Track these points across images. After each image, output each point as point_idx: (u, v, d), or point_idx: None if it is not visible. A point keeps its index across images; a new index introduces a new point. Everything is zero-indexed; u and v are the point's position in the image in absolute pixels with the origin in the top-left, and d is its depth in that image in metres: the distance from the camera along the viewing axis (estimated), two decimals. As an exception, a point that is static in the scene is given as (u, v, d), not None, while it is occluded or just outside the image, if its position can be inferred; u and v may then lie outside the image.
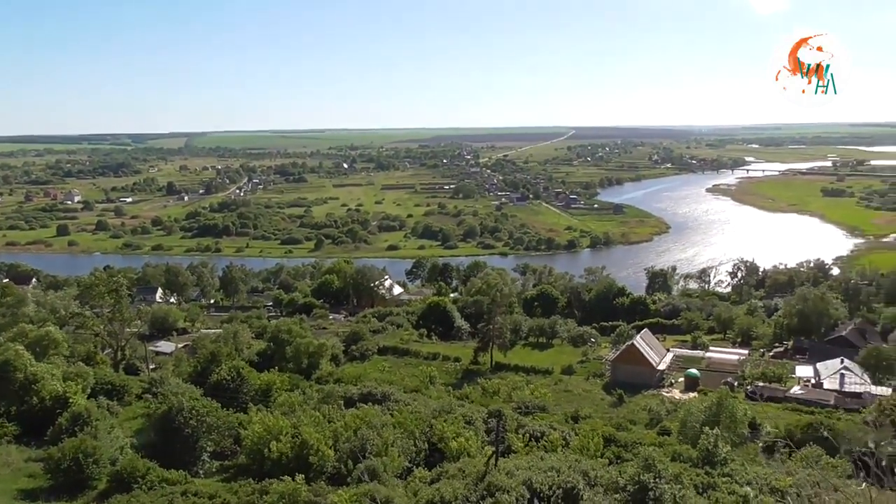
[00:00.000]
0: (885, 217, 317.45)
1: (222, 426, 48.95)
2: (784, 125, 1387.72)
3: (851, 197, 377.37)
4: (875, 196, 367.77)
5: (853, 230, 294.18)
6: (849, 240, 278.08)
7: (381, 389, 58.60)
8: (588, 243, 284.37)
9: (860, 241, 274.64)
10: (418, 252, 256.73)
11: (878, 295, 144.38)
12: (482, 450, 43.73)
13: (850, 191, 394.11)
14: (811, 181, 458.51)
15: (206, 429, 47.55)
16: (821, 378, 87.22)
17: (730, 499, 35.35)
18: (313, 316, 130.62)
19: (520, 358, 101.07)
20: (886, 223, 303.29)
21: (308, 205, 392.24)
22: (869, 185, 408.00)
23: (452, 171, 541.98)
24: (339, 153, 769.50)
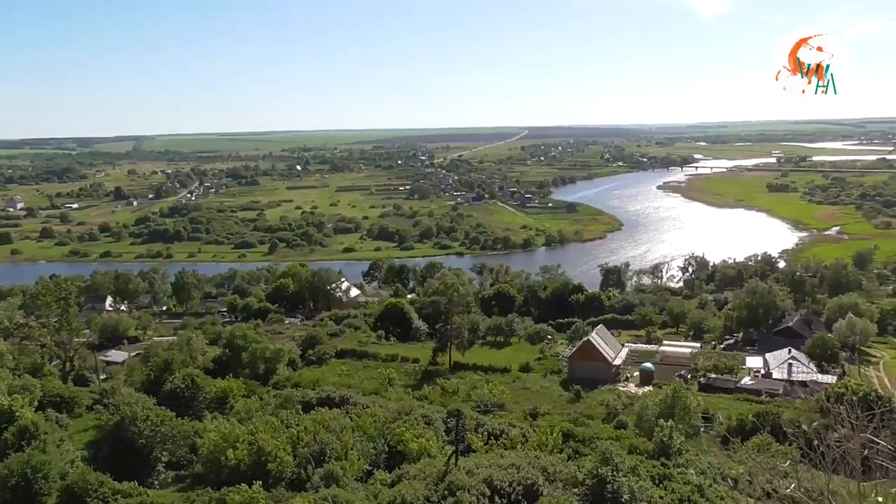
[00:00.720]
0: (827, 211, 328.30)
1: (177, 435, 48.00)
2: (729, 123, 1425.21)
3: (795, 192, 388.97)
4: (817, 191, 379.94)
5: (797, 224, 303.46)
6: (793, 234, 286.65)
7: (340, 393, 58.26)
8: (543, 242, 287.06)
9: (804, 234, 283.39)
10: (375, 254, 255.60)
11: (821, 286, 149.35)
12: (442, 450, 43.78)
13: (794, 186, 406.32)
14: (757, 177, 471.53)
15: (161, 439, 46.58)
16: (770, 368, 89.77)
17: (685, 488, 36.09)
18: (269, 321, 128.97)
19: (478, 357, 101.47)
20: (828, 217, 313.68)
21: (261, 208, 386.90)
22: (811, 181, 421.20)
23: (407, 172, 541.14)
24: (292, 155, 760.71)
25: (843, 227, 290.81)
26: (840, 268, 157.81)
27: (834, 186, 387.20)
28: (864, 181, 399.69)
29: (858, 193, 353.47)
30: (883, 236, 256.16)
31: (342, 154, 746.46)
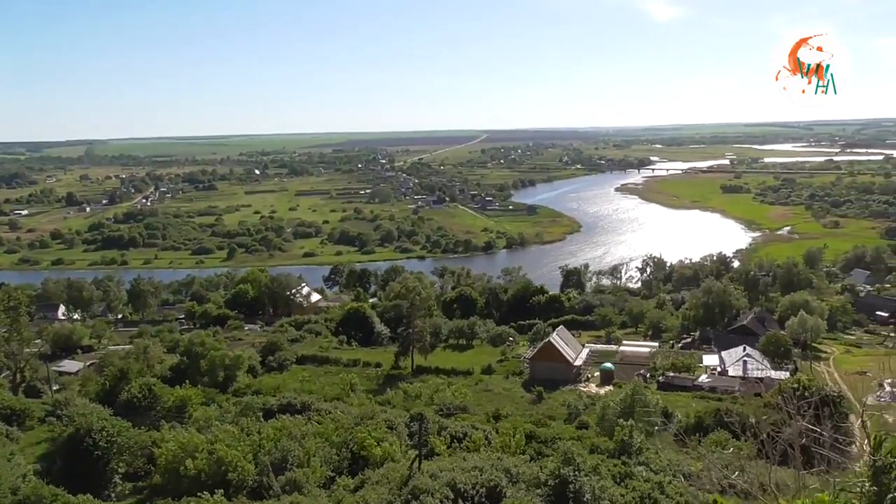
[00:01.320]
0: (779, 211, 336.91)
1: (134, 446, 47.03)
2: (684, 125, 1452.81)
3: (748, 193, 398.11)
4: (769, 192, 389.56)
5: (750, 224, 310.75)
6: (747, 234, 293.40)
7: (301, 399, 57.78)
8: (504, 244, 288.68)
9: (757, 234, 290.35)
10: (335, 258, 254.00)
11: (774, 284, 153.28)
12: (405, 454, 43.73)
13: (747, 187, 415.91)
14: (711, 178, 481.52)
15: (117, 450, 45.57)
16: (726, 366, 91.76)
17: (646, 486, 36.66)
18: (228, 327, 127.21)
19: (440, 360, 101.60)
20: (780, 217, 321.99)
21: (219, 213, 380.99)
22: (763, 182, 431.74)
23: (368, 176, 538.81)
24: (250, 159, 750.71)
25: (794, 226, 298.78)
26: (791, 267, 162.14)
27: (784, 187, 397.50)
28: (812, 182, 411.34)
29: (808, 194, 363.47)
30: (831, 235, 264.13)
31: (301, 158, 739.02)
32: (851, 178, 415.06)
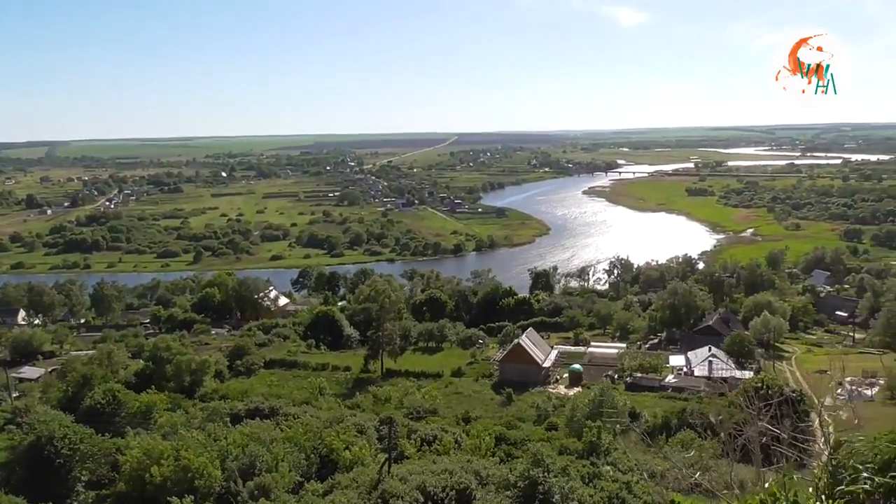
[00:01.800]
0: (742, 214, 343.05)
1: (98, 453, 46.16)
2: (650, 129, 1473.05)
3: (712, 196, 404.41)
4: (733, 195, 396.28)
5: (715, 227, 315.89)
6: (712, 236, 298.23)
7: (269, 404, 57.24)
8: (474, 247, 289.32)
9: (721, 236, 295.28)
10: (304, 261, 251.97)
11: (738, 286, 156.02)
12: (375, 458, 43.61)
13: (711, 190, 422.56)
14: (677, 181, 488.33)
15: (80, 457, 44.68)
16: (692, 366, 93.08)
17: (614, 486, 37.08)
18: (194, 331, 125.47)
19: (410, 363, 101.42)
20: (743, 219, 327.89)
21: (185, 216, 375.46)
22: (727, 185, 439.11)
23: (336, 179, 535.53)
24: (216, 161, 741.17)
25: (757, 228, 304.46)
26: (755, 268, 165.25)
27: (748, 190, 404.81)
28: (774, 185, 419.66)
29: (770, 197, 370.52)
30: (793, 237, 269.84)
31: (269, 160, 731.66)
32: (811, 181, 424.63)
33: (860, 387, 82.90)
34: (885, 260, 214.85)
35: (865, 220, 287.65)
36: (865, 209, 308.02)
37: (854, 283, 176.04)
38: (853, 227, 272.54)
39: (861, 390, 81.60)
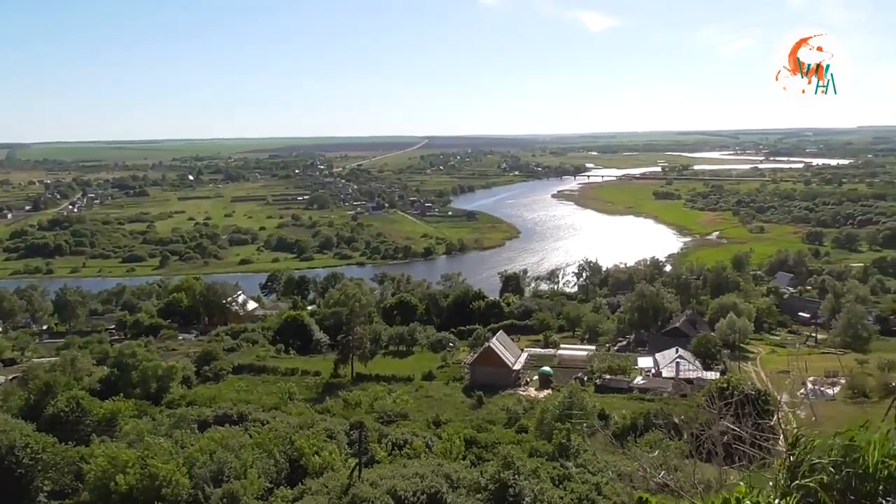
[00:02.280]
0: (708, 217, 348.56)
1: (61, 462, 45.13)
2: (618, 133, 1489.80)
3: (679, 199, 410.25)
4: (699, 198, 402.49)
5: (682, 229, 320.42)
6: (678, 238, 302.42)
7: (238, 409, 56.60)
8: (444, 250, 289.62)
9: (688, 239, 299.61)
10: (273, 265, 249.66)
11: (704, 288, 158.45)
12: (346, 463, 43.38)
13: (678, 193, 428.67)
14: (644, 185, 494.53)
15: (42, 467, 43.64)
16: (660, 367, 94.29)
17: (584, 487, 37.37)
18: (161, 337, 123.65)
19: (381, 367, 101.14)
20: (709, 222, 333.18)
21: (151, 220, 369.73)
22: (693, 188, 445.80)
23: (306, 182, 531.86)
24: (183, 164, 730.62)
25: (722, 231, 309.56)
26: (720, 270, 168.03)
27: (713, 194, 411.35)
28: (739, 188, 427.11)
29: (735, 200, 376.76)
30: (757, 240, 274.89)
31: (237, 163, 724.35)
32: (775, 185, 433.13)
33: (822, 386, 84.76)
34: (845, 262, 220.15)
35: (826, 223, 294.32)
36: (826, 212, 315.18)
37: (816, 285, 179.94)
38: (815, 230, 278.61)
39: (823, 389, 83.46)
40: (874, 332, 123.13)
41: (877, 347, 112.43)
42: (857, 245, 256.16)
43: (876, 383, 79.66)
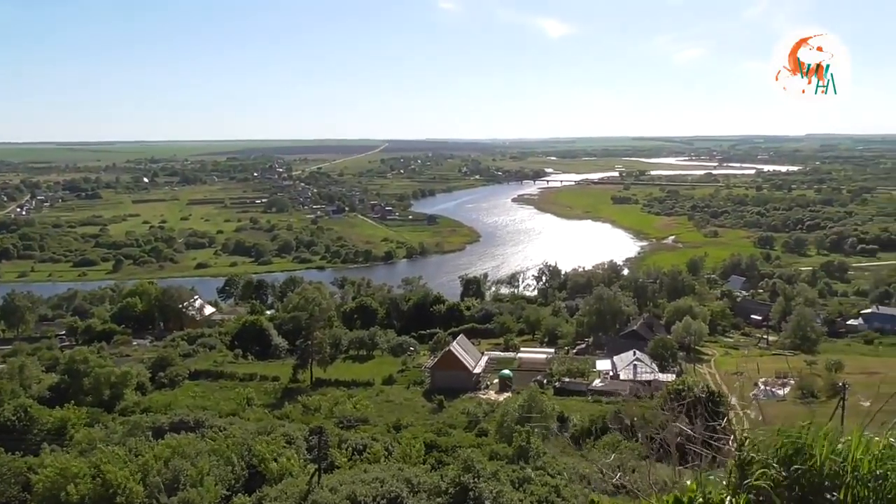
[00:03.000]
0: (664, 221, 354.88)
1: (7, 473, 43.74)
2: (577, 139, 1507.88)
3: (636, 204, 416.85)
4: (655, 203, 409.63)
5: (639, 234, 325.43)
6: (636, 242, 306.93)
7: (195, 416, 55.64)
8: (405, 254, 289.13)
9: (645, 243, 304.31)
10: (230, 269, 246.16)
11: (661, 291, 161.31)
12: (305, 469, 42.96)
13: (635, 198, 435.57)
14: (602, 190, 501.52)
15: (-13, 478, 42.23)
16: (617, 370, 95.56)
17: (543, 489, 37.65)
18: (114, 343, 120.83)
19: (340, 372, 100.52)
20: (665, 227, 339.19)
21: (104, 223, 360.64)
22: (650, 193, 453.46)
23: (264, 185, 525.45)
24: (138, 167, 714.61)
25: (678, 236, 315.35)
26: (676, 274, 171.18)
27: (669, 199, 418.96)
28: (694, 194, 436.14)
29: (690, 205, 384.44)
30: (711, 244, 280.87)
31: (193, 166, 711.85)
32: (728, 190, 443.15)
33: (773, 387, 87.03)
34: (795, 265, 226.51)
35: (777, 228, 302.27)
36: (777, 217, 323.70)
37: (767, 288, 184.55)
38: (766, 235, 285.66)
39: (774, 390, 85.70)
40: (822, 333, 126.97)
41: (825, 349, 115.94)
42: (806, 249, 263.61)
43: (824, 383, 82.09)
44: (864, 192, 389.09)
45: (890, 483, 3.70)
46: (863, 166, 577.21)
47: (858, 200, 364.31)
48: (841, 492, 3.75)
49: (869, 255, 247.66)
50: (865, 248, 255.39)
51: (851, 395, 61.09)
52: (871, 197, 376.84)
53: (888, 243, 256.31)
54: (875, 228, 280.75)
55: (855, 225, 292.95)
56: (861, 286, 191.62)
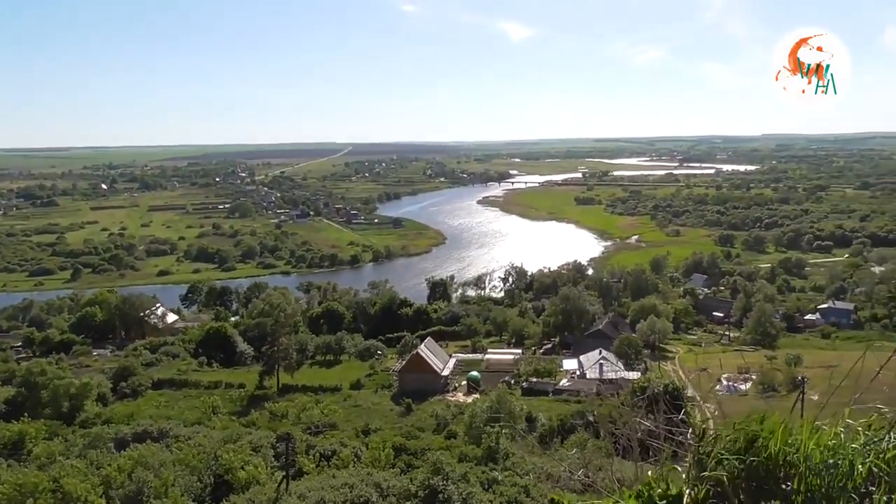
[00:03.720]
0: (628, 221, 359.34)
1: (-38, 490, 42.35)
2: (541, 140, 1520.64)
3: (600, 204, 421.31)
4: (618, 203, 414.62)
5: (602, 234, 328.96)
6: (600, 243, 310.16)
7: (158, 426, 54.73)
8: (371, 257, 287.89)
9: (609, 243, 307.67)
10: (193, 276, 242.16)
11: (625, 290, 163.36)
12: (272, 476, 42.52)
13: (598, 199, 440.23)
14: (566, 191, 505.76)
15: (-59, 496, 40.85)
16: (584, 369, 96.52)
17: (512, 490, 37.84)
18: (74, 353, 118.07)
19: (308, 377, 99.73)
20: (628, 226, 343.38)
21: (61, 231, 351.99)
22: (613, 194, 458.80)
23: (227, 190, 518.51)
24: (95, 173, 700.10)
25: (641, 235, 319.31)
26: (640, 273, 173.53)
27: (632, 199, 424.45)
28: (656, 194, 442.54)
29: (652, 205, 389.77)
30: (673, 243, 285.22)
31: (153, 171, 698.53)
32: (689, 190, 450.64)
33: (736, 382, 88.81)
34: (755, 263, 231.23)
35: (737, 226, 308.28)
36: (736, 216, 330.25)
37: (728, 286, 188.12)
38: (726, 233, 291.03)
39: (736, 385, 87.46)
40: (781, 329, 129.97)
41: (784, 344, 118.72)
42: (765, 247, 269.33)
43: (784, 378, 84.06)
44: (818, 191, 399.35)
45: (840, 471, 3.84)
46: (817, 165, 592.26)
47: (814, 198, 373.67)
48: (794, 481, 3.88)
49: (824, 252, 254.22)
50: (821, 244, 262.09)
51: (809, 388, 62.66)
52: (825, 195, 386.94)
53: (842, 240, 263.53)
54: (829, 225, 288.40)
55: (811, 222, 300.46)
56: (817, 282, 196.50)
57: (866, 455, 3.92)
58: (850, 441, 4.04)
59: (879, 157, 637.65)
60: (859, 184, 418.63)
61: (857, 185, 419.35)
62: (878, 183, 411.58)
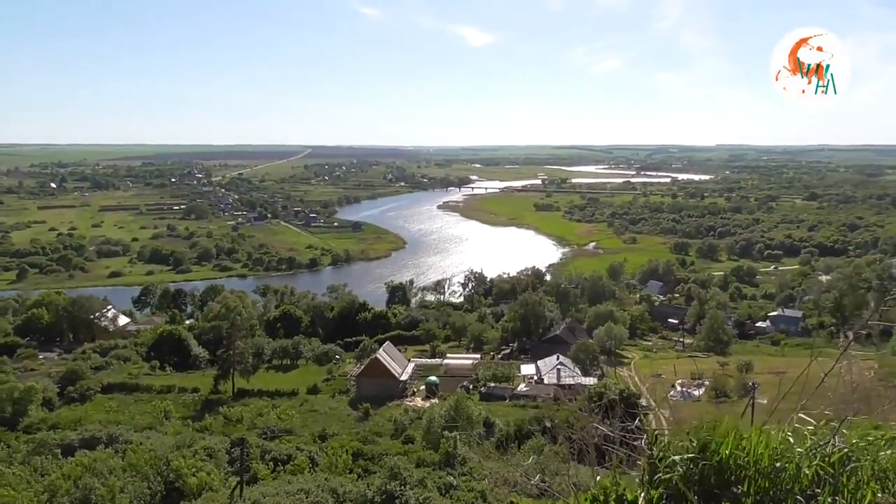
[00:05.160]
0: (585, 228, 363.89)
1: None
2: (500, 146, 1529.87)
3: (558, 211, 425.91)
4: (576, 210, 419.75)
5: (561, 240, 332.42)
6: (558, 249, 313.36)
7: (108, 431, 53.35)
8: (329, 261, 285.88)
9: (567, 249, 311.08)
10: (146, 278, 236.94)
11: (583, 296, 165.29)
12: (226, 482, 41.82)
13: (557, 205, 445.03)
14: (525, 197, 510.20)
15: None
16: (542, 374, 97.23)
17: (469, 495, 37.91)
18: (18, 357, 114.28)
19: (264, 382, 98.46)
20: (586, 233, 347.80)
21: (6, 230, 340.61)
22: (571, 201, 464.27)
23: (182, 191, 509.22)
24: (43, 171, 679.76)
25: (598, 242, 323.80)
26: (597, 279, 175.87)
27: (590, 206, 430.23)
28: (613, 201, 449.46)
29: (610, 212, 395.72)
30: (630, 250, 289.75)
31: (106, 170, 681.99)
32: (645, 198, 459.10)
33: (689, 388, 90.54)
34: (708, 270, 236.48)
35: (691, 235, 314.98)
36: (691, 224, 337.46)
37: (683, 293, 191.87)
38: (681, 241, 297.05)
39: (690, 391, 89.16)
40: (733, 335, 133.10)
41: (736, 350, 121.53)
42: (718, 255, 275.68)
43: (735, 384, 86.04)
44: (769, 201, 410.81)
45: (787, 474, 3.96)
46: (768, 176, 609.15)
47: (765, 208, 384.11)
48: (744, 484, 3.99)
49: (774, 261, 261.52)
50: (771, 253, 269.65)
51: (759, 393, 64.19)
52: (776, 205, 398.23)
53: (791, 249, 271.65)
54: (780, 235, 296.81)
55: (762, 231, 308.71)
56: (768, 290, 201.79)
57: (812, 458, 4.06)
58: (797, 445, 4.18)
59: (826, 169, 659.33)
60: (807, 195, 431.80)
61: (805, 195, 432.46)
62: (825, 194, 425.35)
